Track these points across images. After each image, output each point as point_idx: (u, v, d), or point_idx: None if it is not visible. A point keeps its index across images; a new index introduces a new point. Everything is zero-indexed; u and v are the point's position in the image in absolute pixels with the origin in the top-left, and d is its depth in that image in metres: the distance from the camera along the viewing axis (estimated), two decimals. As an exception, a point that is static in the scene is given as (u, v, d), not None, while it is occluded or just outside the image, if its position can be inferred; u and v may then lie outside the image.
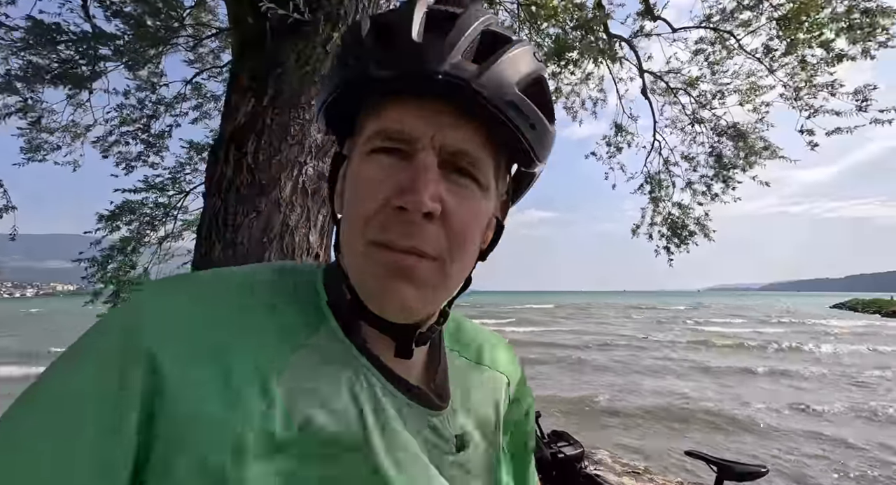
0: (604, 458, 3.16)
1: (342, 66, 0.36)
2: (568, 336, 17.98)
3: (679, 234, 6.03)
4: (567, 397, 8.92)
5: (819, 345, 15.79)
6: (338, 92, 0.36)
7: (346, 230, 0.37)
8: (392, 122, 0.34)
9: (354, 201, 0.36)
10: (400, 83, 0.34)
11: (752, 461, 1.52)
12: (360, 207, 0.35)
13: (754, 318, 33.04)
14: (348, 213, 0.37)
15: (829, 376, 11.31)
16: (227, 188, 1.87)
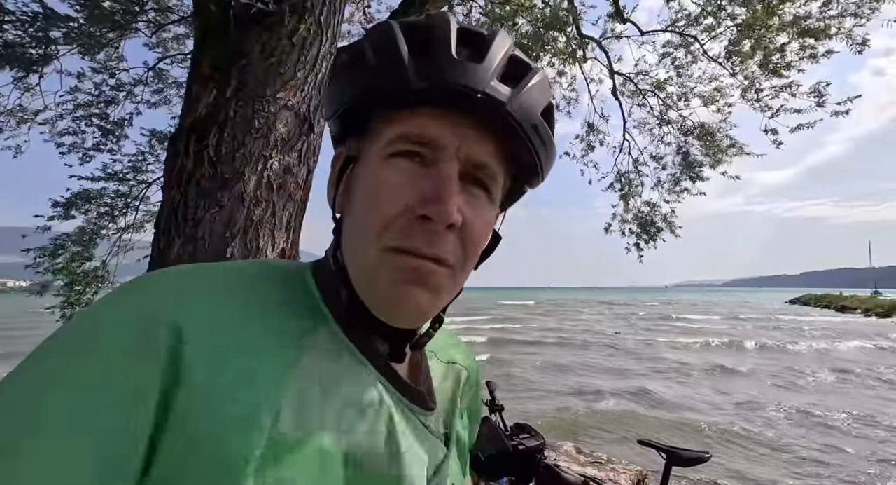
0: (569, 450, 3.25)
1: (373, 72, 0.36)
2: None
3: (648, 230, 6.22)
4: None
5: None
6: (365, 97, 0.36)
7: (356, 233, 0.37)
8: (418, 128, 0.35)
9: (372, 205, 0.35)
10: (436, 95, 0.34)
11: (698, 448, 1.61)
12: (378, 212, 0.35)
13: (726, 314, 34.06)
14: (362, 215, 0.36)
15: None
16: (187, 181, 1.81)
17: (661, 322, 25.11)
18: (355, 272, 0.37)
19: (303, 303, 0.36)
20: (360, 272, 0.36)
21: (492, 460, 1.56)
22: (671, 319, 29.42)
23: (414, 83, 0.34)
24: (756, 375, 11.18)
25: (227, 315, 0.32)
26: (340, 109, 0.38)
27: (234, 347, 0.31)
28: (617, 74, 6.15)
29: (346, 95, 0.37)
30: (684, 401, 8.66)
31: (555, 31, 4.76)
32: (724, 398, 9.03)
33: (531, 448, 1.62)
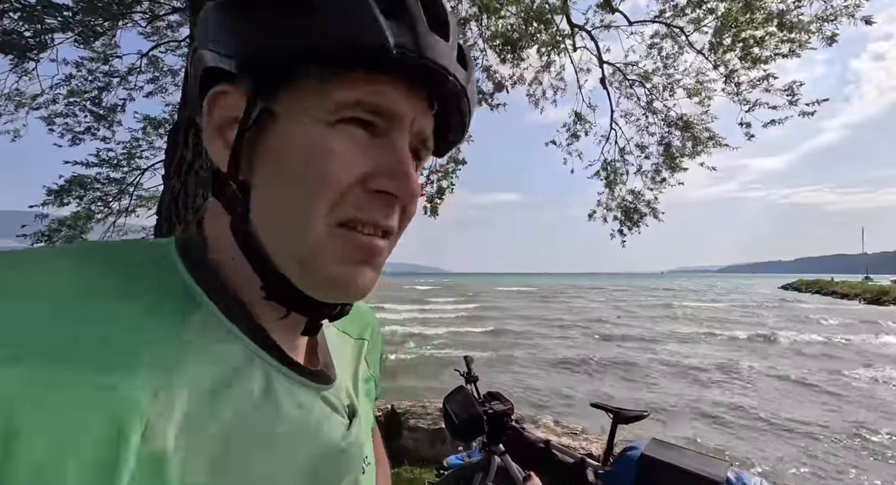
0: (547, 422, 3.49)
1: (330, 23, 0.30)
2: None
3: (631, 217, 6.41)
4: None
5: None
6: (310, 51, 0.30)
7: (293, 206, 0.32)
8: (377, 96, 0.32)
9: (319, 176, 0.31)
10: (409, 68, 0.32)
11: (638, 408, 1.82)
12: (328, 184, 0.32)
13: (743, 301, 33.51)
14: (301, 187, 0.32)
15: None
16: (186, 171, 1.96)
17: (684, 315, 22.83)
18: (288, 250, 0.33)
19: (172, 284, 0.31)
20: (298, 250, 0.33)
21: (464, 423, 1.75)
22: (683, 308, 27.00)
23: (391, 52, 0.30)
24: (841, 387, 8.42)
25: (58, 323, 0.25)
26: (257, 56, 0.31)
27: (66, 370, 0.23)
28: (606, 64, 6.27)
29: (275, 42, 0.31)
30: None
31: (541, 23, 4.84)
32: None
33: (499, 412, 1.81)
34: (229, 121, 0.33)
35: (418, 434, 3.41)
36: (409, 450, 3.38)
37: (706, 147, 5.88)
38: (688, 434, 5.89)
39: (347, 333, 0.48)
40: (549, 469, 1.75)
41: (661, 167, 6.28)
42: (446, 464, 2.05)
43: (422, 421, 3.49)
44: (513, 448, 1.84)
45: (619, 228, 6.61)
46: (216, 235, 0.35)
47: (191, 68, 0.35)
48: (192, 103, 0.36)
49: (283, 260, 0.33)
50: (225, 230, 0.34)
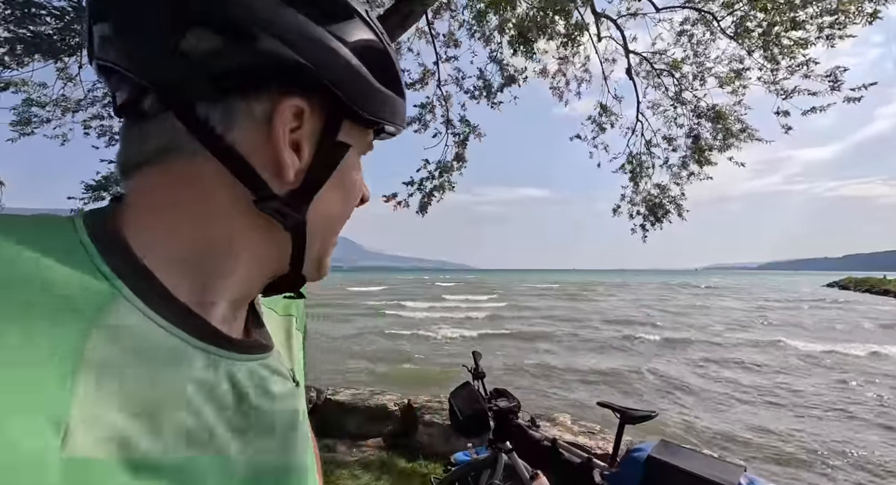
0: (564, 420, 3.43)
1: (386, 86, 0.38)
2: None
3: (655, 212, 6.20)
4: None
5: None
6: (372, 110, 0.37)
7: (341, 220, 0.41)
8: (371, 143, 0.42)
9: (350, 196, 0.40)
10: (390, 129, 0.42)
11: (646, 408, 1.75)
12: (351, 203, 0.41)
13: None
14: (348, 207, 0.41)
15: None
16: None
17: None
18: (319, 252, 0.40)
19: (81, 267, 0.28)
20: (326, 251, 0.41)
21: (469, 420, 1.73)
22: (754, 311, 23.62)
23: (400, 119, 0.41)
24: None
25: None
26: (354, 88, 0.36)
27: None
28: (632, 54, 6.06)
29: (369, 82, 0.36)
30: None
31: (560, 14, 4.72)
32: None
33: (504, 410, 1.79)
34: (303, 138, 0.35)
35: (433, 429, 3.42)
36: (424, 445, 3.39)
37: (738, 140, 5.61)
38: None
39: (273, 309, 0.49)
40: (555, 468, 1.71)
41: (688, 161, 6.05)
42: (454, 460, 2.05)
43: (437, 416, 3.49)
44: (520, 446, 1.81)
45: (642, 224, 6.42)
46: (165, 222, 0.32)
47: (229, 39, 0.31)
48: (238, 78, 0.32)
49: (311, 260, 0.39)
50: (179, 221, 0.33)
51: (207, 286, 0.34)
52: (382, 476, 3.10)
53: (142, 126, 0.32)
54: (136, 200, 0.33)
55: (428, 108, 5.53)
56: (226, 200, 0.33)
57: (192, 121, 0.31)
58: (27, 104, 5.83)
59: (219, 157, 0.32)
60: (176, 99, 0.31)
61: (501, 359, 10.70)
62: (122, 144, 0.34)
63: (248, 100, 0.32)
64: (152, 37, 0.31)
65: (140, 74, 0.31)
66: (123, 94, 0.33)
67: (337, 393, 4.14)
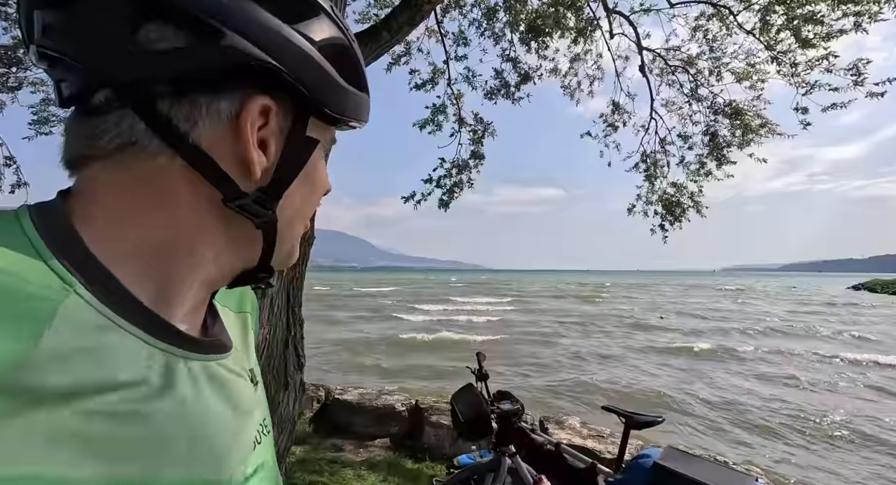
0: (573, 424, 3.36)
1: (348, 83, 0.38)
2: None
3: (673, 211, 6.07)
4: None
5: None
6: (338, 103, 0.37)
7: (307, 212, 0.41)
8: (334, 136, 0.42)
9: (315, 190, 0.40)
10: (353, 124, 0.41)
11: (651, 413, 1.69)
12: (315, 204, 0.42)
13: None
14: (314, 199, 0.41)
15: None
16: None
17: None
18: (288, 244, 0.40)
19: (27, 265, 0.26)
20: (294, 243, 0.41)
21: (471, 423, 1.70)
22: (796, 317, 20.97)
23: (364, 116, 0.42)
24: None
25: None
26: (322, 86, 0.36)
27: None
28: (646, 50, 5.95)
29: (335, 80, 0.36)
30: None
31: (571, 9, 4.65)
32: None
33: (507, 412, 1.75)
34: (270, 136, 0.34)
35: (440, 431, 3.39)
36: (431, 446, 3.37)
37: (758, 135, 5.45)
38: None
39: (227, 306, 0.48)
40: (559, 473, 1.67)
41: (705, 159, 5.90)
42: (457, 463, 2.02)
43: (444, 417, 3.46)
44: (524, 450, 1.77)
45: (661, 223, 6.29)
46: (106, 224, 0.31)
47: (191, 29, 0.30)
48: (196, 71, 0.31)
49: (281, 254, 0.39)
50: (135, 212, 0.31)
51: (168, 284, 0.33)
52: (389, 477, 3.08)
53: (94, 121, 0.31)
54: (89, 194, 0.31)
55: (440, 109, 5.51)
56: (190, 199, 0.32)
57: (152, 118, 0.30)
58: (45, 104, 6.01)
59: (184, 155, 0.31)
60: (135, 95, 0.30)
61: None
62: (68, 137, 0.32)
63: (212, 97, 0.31)
64: (109, 29, 0.29)
65: (94, 68, 0.29)
66: (71, 87, 0.31)
67: (345, 392, 4.14)
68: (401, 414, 3.72)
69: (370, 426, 3.73)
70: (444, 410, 3.60)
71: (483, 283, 71.29)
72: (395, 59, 5.24)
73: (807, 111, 4.70)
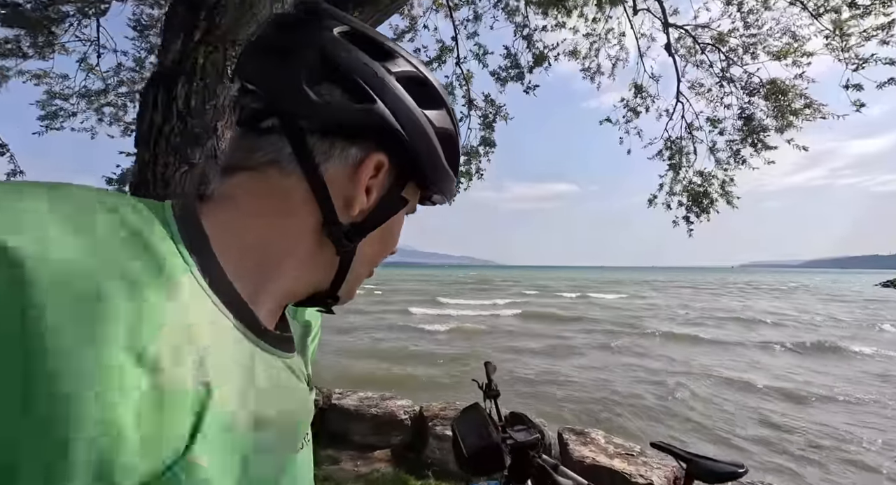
0: (597, 438, 2.97)
1: (445, 161, 0.45)
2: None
3: (700, 202, 5.59)
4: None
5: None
6: (435, 176, 0.45)
7: (376, 260, 0.47)
8: (415, 206, 0.48)
9: (390, 243, 0.47)
10: (437, 199, 0.50)
11: (726, 458, 1.28)
12: (389, 249, 0.47)
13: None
14: (379, 250, 0.46)
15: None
16: (156, 137, 1.67)
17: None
18: (353, 284, 0.46)
19: (163, 246, 0.32)
20: (356, 285, 0.47)
21: (477, 455, 1.34)
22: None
23: (450, 195, 0.49)
24: None
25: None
26: (431, 158, 0.44)
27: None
28: (672, 27, 5.47)
29: (440, 159, 0.45)
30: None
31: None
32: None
33: (523, 444, 1.38)
34: (375, 185, 0.41)
35: (446, 444, 3.02)
36: (436, 461, 3.01)
37: (801, 118, 4.93)
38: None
39: (296, 318, 0.54)
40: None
41: (739, 145, 5.41)
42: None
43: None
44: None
45: (686, 215, 5.82)
46: (234, 221, 0.38)
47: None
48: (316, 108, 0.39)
49: (347, 285, 0.45)
50: (251, 224, 0.38)
51: (261, 283, 0.38)
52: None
53: (255, 138, 0.39)
54: (230, 198, 0.39)
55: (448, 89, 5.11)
56: (302, 216, 0.39)
57: (299, 146, 0.38)
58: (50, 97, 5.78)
59: (310, 180, 0.39)
60: (294, 126, 0.38)
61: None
62: (230, 148, 0.41)
63: (347, 144, 0.39)
64: (296, 77, 0.38)
65: (274, 101, 0.38)
66: (250, 110, 0.40)
67: (344, 396, 3.81)
68: (403, 423, 3.37)
69: (369, 435, 3.40)
70: (450, 418, 3.24)
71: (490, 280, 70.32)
72: (399, 35, 4.84)
73: (860, 88, 4.18)
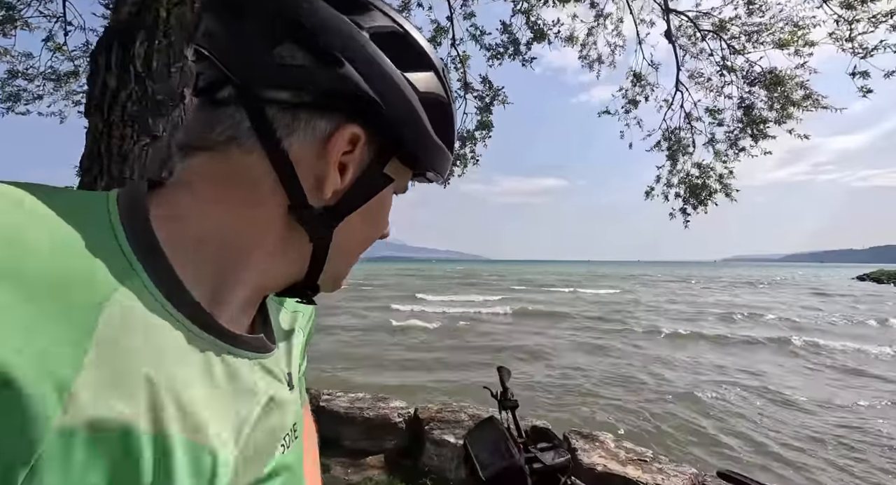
0: (606, 442, 2.80)
1: (438, 136, 0.41)
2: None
3: (698, 194, 5.48)
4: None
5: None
6: (429, 150, 0.41)
7: (364, 244, 0.44)
8: (406, 185, 0.44)
9: (376, 228, 0.43)
10: (430, 176, 0.44)
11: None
12: (376, 234, 0.44)
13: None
14: (365, 233, 0.42)
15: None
16: (110, 104, 1.41)
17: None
18: (337, 270, 0.42)
19: (104, 245, 0.30)
20: (342, 271, 0.44)
21: (496, 481, 1.13)
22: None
23: (443, 170, 0.44)
24: None
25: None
26: (415, 131, 0.39)
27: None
28: (673, 13, 5.31)
29: (426, 130, 0.40)
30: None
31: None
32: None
33: (554, 467, 1.18)
34: (350, 162, 0.37)
35: (444, 450, 2.82)
36: (433, 468, 2.81)
37: (800, 109, 4.82)
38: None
39: (284, 305, 0.51)
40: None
41: (738, 135, 5.30)
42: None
43: (450, 433, 2.90)
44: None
45: (683, 207, 5.71)
46: (190, 212, 0.35)
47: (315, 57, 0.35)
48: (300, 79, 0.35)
49: (327, 275, 0.41)
50: (206, 210, 0.35)
51: (223, 281, 0.35)
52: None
53: (211, 112, 0.35)
54: (182, 183, 0.35)
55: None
56: (268, 202, 0.36)
57: (258, 118, 0.34)
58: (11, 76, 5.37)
59: (270, 157, 0.35)
60: (251, 96, 0.34)
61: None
62: (187, 124, 0.38)
63: (314, 116, 0.35)
64: (251, 38, 0.34)
65: (229, 66, 0.34)
66: (206, 79, 0.36)
67: (334, 398, 3.58)
68: (397, 426, 3.16)
69: (362, 440, 3.19)
70: (449, 421, 3.05)
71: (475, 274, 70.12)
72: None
73: (867, 75, 4.07)
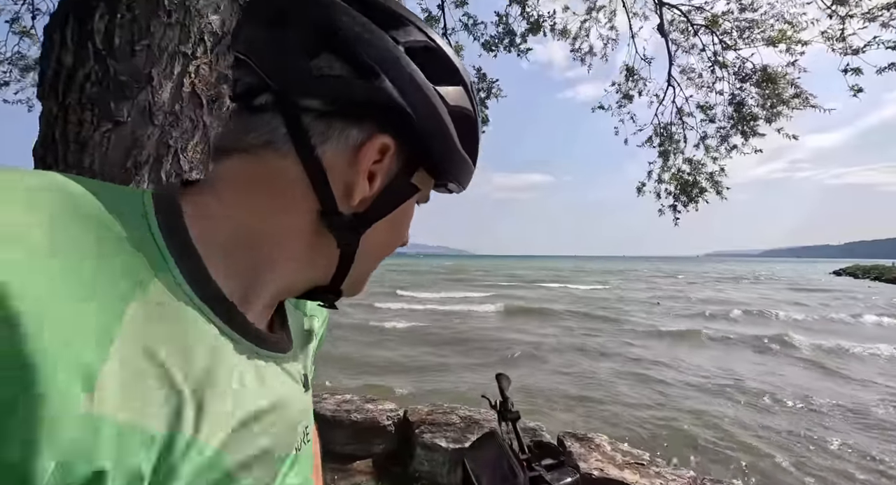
0: (602, 444, 2.75)
1: (465, 151, 0.43)
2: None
3: (688, 191, 5.47)
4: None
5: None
6: (455, 163, 0.42)
7: (386, 251, 0.44)
8: (428, 195, 0.45)
9: (398, 235, 0.44)
10: (452, 187, 0.46)
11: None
12: (398, 241, 0.45)
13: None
14: (387, 240, 0.43)
15: None
16: (66, 85, 1.26)
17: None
18: (359, 275, 0.44)
19: (141, 241, 0.31)
20: (364, 277, 0.45)
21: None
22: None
23: (465, 182, 0.46)
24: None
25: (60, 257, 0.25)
26: (444, 143, 0.40)
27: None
28: (666, 7, 5.25)
29: (454, 143, 0.41)
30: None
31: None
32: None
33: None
34: (379, 171, 0.38)
35: (436, 455, 2.72)
36: (423, 475, 2.71)
37: (789, 107, 4.82)
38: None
39: (300, 308, 0.52)
40: None
41: (729, 132, 5.29)
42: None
43: (441, 436, 2.80)
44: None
45: (673, 204, 5.70)
46: (222, 212, 0.36)
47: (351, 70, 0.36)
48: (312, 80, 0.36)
49: (351, 280, 0.43)
50: (245, 215, 0.36)
51: (252, 280, 0.36)
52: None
53: (248, 117, 0.37)
54: (215, 183, 0.37)
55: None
56: (299, 206, 0.37)
57: (294, 125, 0.36)
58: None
59: (304, 163, 0.36)
60: (289, 103, 0.35)
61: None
62: (224, 128, 0.39)
63: (347, 125, 0.36)
64: (292, 47, 0.35)
65: (268, 74, 0.35)
66: (244, 85, 0.37)
67: (320, 400, 3.46)
68: (386, 429, 3.06)
69: (349, 444, 3.07)
70: (440, 424, 2.95)
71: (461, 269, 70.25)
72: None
73: (859, 72, 4.05)
